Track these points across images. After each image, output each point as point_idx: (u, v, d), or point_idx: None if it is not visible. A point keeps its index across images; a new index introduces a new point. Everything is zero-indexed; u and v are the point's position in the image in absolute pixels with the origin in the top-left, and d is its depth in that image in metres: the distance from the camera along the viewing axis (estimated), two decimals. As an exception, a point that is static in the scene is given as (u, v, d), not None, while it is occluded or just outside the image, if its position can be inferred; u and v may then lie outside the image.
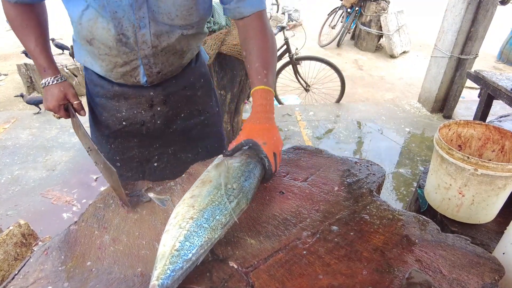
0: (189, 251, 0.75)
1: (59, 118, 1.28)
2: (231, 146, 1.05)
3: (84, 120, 1.29)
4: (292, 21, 7.59)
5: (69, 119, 1.28)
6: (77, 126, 1.22)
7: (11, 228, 1.46)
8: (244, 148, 1.05)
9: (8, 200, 2.68)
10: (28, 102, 3.88)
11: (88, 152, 1.15)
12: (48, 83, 1.19)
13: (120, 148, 1.37)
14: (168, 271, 0.72)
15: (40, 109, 3.94)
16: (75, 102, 1.24)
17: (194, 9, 1.09)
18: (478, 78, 2.80)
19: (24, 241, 1.51)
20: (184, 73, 1.31)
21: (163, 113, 1.31)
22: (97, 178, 2.91)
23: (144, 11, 1.03)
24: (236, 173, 0.95)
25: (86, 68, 1.28)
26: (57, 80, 1.20)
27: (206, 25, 1.26)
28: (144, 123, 1.30)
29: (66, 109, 1.26)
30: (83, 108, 1.26)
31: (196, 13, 1.10)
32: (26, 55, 4.35)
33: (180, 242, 0.76)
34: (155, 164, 1.41)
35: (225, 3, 1.14)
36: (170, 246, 0.76)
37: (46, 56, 1.19)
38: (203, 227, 0.80)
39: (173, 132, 1.37)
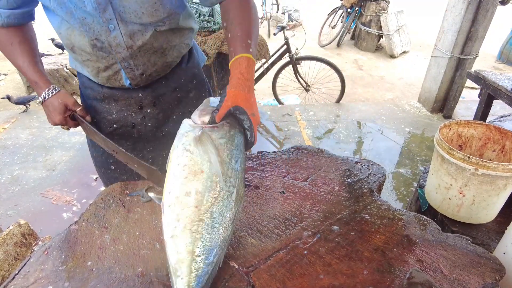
0: (210, 254, 0.75)
1: (68, 129, 1.25)
2: (220, 114, 0.93)
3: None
4: (292, 21, 7.59)
5: (80, 127, 1.24)
6: (92, 132, 1.19)
7: (11, 228, 1.46)
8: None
9: (8, 199, 2.68)
10: (17, 103, 3.90)
11: (114, 155, 1.13)
12: (45, 97, 1.15)
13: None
14: (197, 278, 0.72)
15: (27, 107, 3.97)
16: (78, 110, 1.19)
17: (158, 4, 1.06)
18: (478, 78, 2.80)
19: (24, 240, 1.51)
20: (173, 74, 1.28)
21: (154, 115, 1.30)
22: (97, 178, 2.91)
23: (109, 13, 1.01)
24: (226, 155, 0.86)
25: (78, 72, 1.28)
26: (52, 92, 1.16)
27: (204, 24, 1.24)
28: (134, 125, 1.29)
29: (73, 118, 1.21)
30: (87, 114, 1.22)
31: (162, 9, 1.08)
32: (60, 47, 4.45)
33: (198, 247, 0.75)
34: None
35: None
36: (189, 253, 0.74)
37: (35, 70, 1.15)
38: (215, 227, 0.79)
39: (165, 135, 1.35)
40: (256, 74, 4.00)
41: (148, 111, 1.28)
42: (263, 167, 1.18)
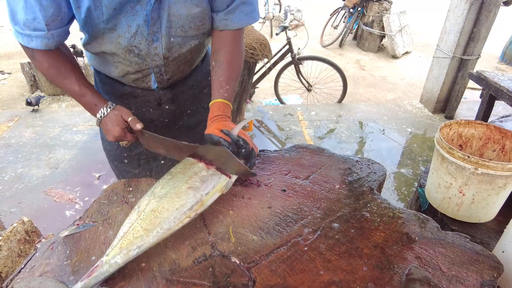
0: None
1: (127, 144, 1.19)
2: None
3: (88, 125, 1.28)
4: (293, 21, 7.59)
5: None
6: (151, 140, 1.13)
7: (14, 225, 1.47)
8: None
9: (12, 197, 2.70)
10: (35, 103, 3.94)
11: (173, 157, 1.17)
12: (103, 114, 1.10)
13: (129, 145, 1.38)
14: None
15: (38, 106, 4.00)
16: (130, 119, 1.10)
17: (206, 18, 1.11)
18: (480, 79, 2.80)
19: (27, 238, 1.52)
20: (192, 74, 1.34)
21: (171, 111, 1.34)
22: (99, 176, 2.93)
23: (158, 26, 1.04)
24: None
25: (95, 69, 1.30)
26: (110, 107, 1.11)
27: None
28: (152, 121, 1.33)
29: (130, 131, 1.14)
30: (138, 122, 1.11)
31: (208, 22, 1.13)
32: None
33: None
34: (162, 162, 1.43)
35: (213, 11, 1.12)
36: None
37: (92, 91, 1.11)
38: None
39: (179, 128, 1.40)
40: (258, 74, 4.02)
41: (166, 107, 1.32)
42: (265, 165, 1.20)
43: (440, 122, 4.08)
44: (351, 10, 6.86)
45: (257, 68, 3.75)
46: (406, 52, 6.87)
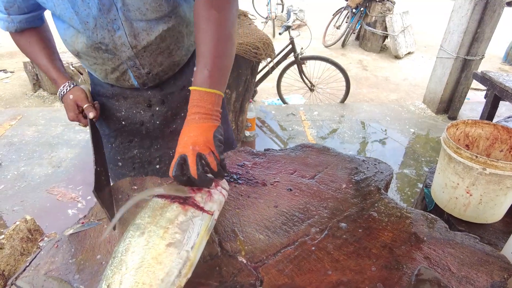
0: None
1: (85, 126, 1.22)
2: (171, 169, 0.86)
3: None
4: (296, 21, 7.58)
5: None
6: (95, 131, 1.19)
7: (17, 223, 1.47)
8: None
9: (14, 196, 2.70)
10: None
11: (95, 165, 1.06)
12: (61, 94, 1.18)
13: (121, 147, 1.36)
14: None
15: None
16: (85, 106, 1.16)
17: None
18: (484, 79, 2.78)
19: (30, 236, 1.52)
20: (182, 73, 1.29)
21: (162, 113, 1.30)
22: (102, 175, 2.92)
23: (114, 13, 1.00)
24: None
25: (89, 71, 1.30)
26: (67, 89, 1.18)
27: None
28: (143, 123, 1.30)
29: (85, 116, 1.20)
30: (92, 110, 1.16)
31: (166, 3, 1.05)
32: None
33: None
34: (157, 166, 1.40)
35: None
36: None
37: (53, 67, 1.17)
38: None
39: (172, 132, 1.35)
40: (261, 74, 4.01)
41: (157, 109, 1.29)
42: (270, 165, 1.19)
43: (443, 123, 4.06)
44: (354, 10, 6.84)
45: (259, 67, 3.74)
46: (409, 53, 6.85)
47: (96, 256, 0.85)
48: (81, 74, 4.51)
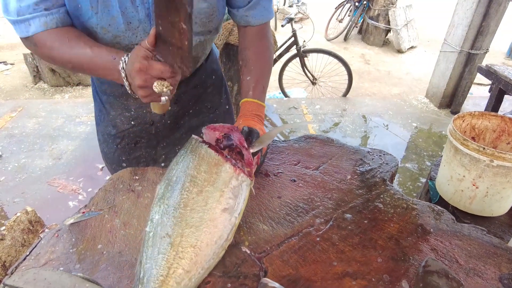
0: None
1: (164, 112, 1.00)
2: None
3: (91, 116, 1.21)
4: (298, 14, 7.52)
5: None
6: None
7: (18, 214, 1.46)
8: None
9: (15, 187, 2.69)
10: None
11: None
12: (124, 62, 0.86)
13: (127, 148, 1.32)
14: None
15: None
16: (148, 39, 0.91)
17: (214, 16, 1.05)
18: (489, 73, 2.75)
19: (31, 228, 1.51)
20: (195, 72, 1.27)
21: (174, 112, 1.28)
22: (102, 167, 2.91)
23: None
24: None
25: None
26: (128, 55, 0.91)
27: None
28: (153, 122, 1.27)
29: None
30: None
31: (216, 19, 1.07)
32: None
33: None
34: (162, 164, 1.38)
35: (233, 7, 1.11)
36: None
37: (106, 47, 0.92)
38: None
39: (180, 128, 1.33)
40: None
41: (169, 108, 1.26)
42: (274, 155, 1.17)
43: (446, 117, 4.03)
44: (357, 4, 6.77)
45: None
46: (412, 47, 6.80)
47: (97, 246, 0.84)
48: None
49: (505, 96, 2.80)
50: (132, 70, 0.82)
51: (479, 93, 4.86)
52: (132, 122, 1.26)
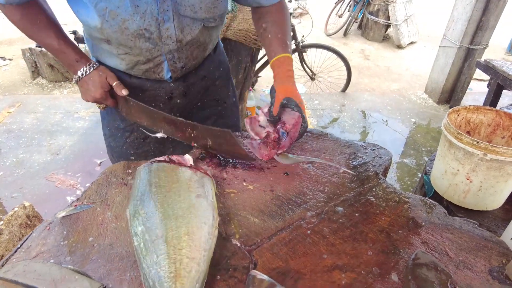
0: None
1: (104, 108, 1.18)
2: (276, 107, 1.07)
3: (90, 111, 1.24)
4: (297, 9, 7.48)
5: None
6: (133, 108, 1.13)
7: (16, 209, 1.46)
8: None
9: (13, 182, 2.69)
10: None
11: (159, 131, 1.16)
12: (85, 72, 1.07)
13: (136, 143, 1.32)
14: None
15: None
16: (114, 83, 1.10)
17: (219, 2, 1.05)
18: (488, 68, 2.74)
19: (28, 222, 1.51)
20: (203, 63, 1.27)
21: (182, 105, 1.27)
22: (100, 162, 2.91)
23: (168, 3, 0.97)
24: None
25: (99, 61, 1.20)
26: (93, 66, 1.08)
27: None
28: None
29: (112, 96, 1.14)
30: (123, 87, 1.11)
31: (220, 6, 1.07)
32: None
33: None
34: None
35: None
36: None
37: (73, 47, 1.07)
38: None
39: (187, 120, 1.33)
40: (261, 62, 3.96)
41: (178, 101, 1.25)
42: (267, 149, 1.17)
43: (445, 113, 4.01)
44: (357, -1, 6.73)
45: (260, 55, 3.70)
46: (412, 42, 6.76)
47: (88, 239, 0.84)
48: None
49: (504, 91, 2.79)
50: (88, 92, 1.09)
51: (478, 88, 4.84)
52: None
